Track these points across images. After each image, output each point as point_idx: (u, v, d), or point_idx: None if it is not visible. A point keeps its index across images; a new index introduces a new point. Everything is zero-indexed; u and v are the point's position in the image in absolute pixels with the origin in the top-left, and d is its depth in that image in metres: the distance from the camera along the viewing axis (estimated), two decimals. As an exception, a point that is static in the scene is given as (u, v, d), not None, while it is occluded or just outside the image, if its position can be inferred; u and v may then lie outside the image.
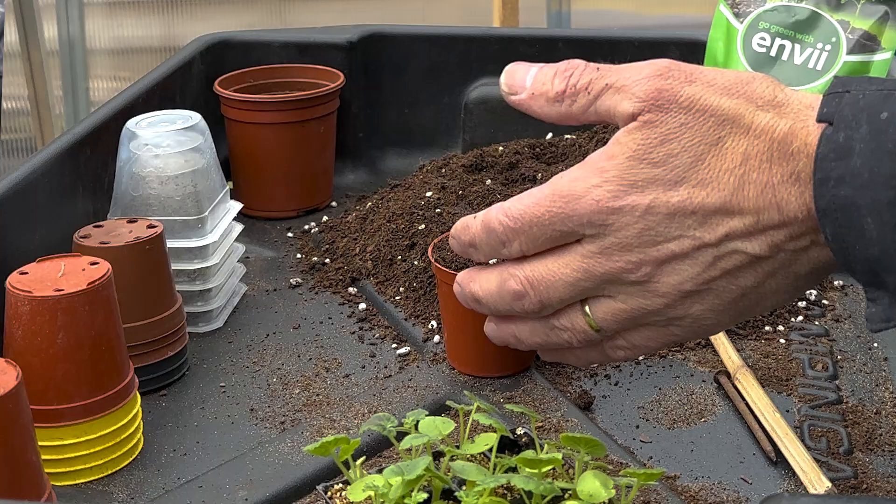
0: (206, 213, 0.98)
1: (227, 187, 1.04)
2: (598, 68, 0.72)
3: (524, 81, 0.74)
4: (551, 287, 0.71)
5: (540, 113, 0.74)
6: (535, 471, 0.66)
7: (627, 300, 0.70)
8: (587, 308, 0.72)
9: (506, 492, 0.69)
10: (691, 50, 1.22)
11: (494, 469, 0.68)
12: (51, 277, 0.78)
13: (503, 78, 0.75)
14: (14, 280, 0.78)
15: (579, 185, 0.69)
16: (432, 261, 0.89)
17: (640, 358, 0.92)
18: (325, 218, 1.20)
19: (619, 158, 0.68)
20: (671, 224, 0.67)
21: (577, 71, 0.72)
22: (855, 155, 0.61)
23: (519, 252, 0.72)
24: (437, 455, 0.70)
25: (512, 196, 0.73)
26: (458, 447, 0.69)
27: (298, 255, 1.13)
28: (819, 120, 0.64)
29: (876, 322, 0.63)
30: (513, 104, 0.75)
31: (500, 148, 1.16)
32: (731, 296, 0.69)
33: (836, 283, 1.05)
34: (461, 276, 0.78)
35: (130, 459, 0.82)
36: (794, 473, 0.78)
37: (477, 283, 0.76)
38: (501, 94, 0.75)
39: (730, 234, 0.66)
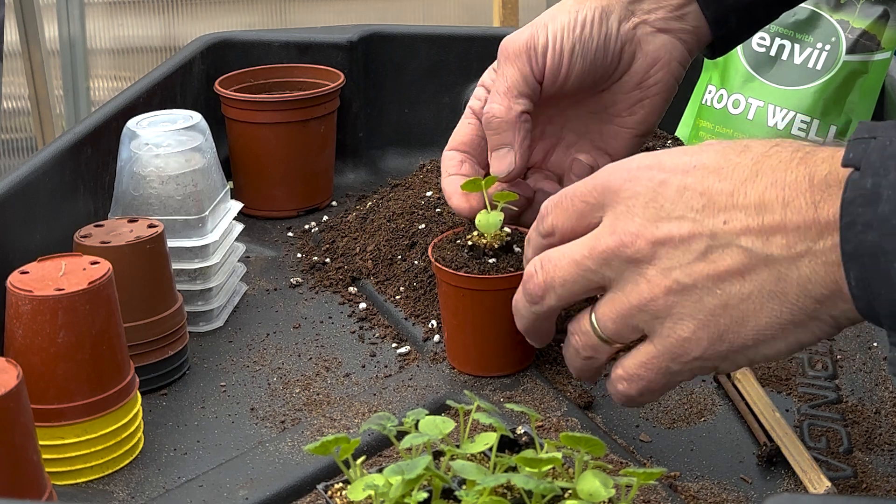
0: (207, 213, 0.98)
1: (228, 187, 1.05)
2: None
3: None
4: (558, 265, 0.73)
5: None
6: (535, 470, 0.66)
7: (622, 286, 0.70)
8: (592, 311, 0.73)
9: (506, 491, 0.69)
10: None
11: (494, 468, 0.68)
12: (52, 277, 0.78)
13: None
14: (15, 279, 0.78)
15: (614, 164, 0.73)
16: (432, 260, 0.89)
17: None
18: (325, 217, 1.20)
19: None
20: (678, 201, 0.68)
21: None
22: (883, 201, 0.61)
23: (551, 227, 0.75)
24: (437, 454, 0.70)
25: None
26: (458, 446, 0.69)
27: (298, 255, 1.13)
28: (845, 164, 0.64)
29: None
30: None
31: (501, 148, 1.16)
32: (714, 302, 0.67)
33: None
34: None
35: (131, 458, 0.82)
36: (794, 473, 0.78)
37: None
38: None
39: (728, 221, 0.67)
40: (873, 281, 0.62)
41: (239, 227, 1.05)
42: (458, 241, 0.90)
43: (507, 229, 0.89)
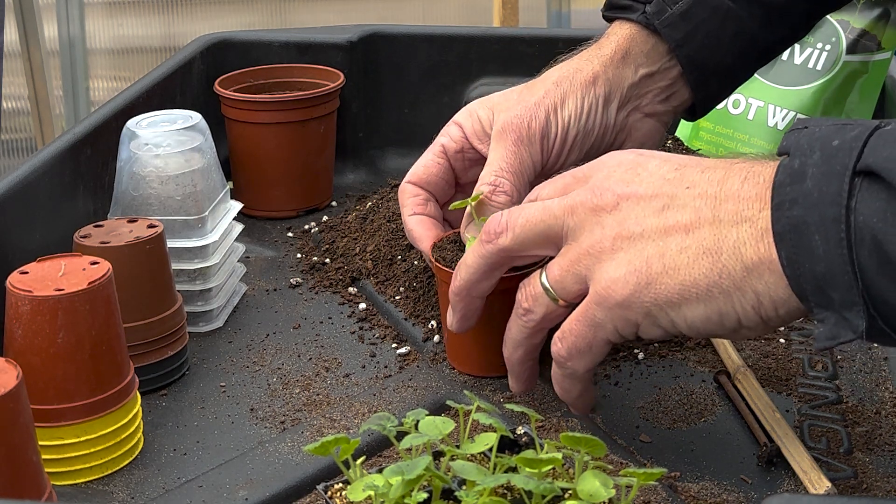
0: (207, 213, 0.98)
1: (228, 187, 1.04)
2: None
3: None
4: (523, 210, 0.77)
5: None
6: (535, 471, 0.66)
7: (577, 236, 0.74)
8: (544, 268, 0.77)
9: (506, 491, 0.69)
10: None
11: (494, 469, 0.68)
12: (51, 277, 0.78)
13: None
14: (15, 279, 0.78)
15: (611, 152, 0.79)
16: (432, 260, 0.89)
17: (640, 357, 0.93)
18: (325, 218, 1.20)
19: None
20: (656, 172, 0.73)
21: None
22: (808, 178, 0.65)
23: (535, 195, 0.79)
24: (437, 455, 0.70)
25: None
26: (458, 447, 0.69)
27: (298, 255, 1.13)
28: (779, 153, 0.68)
29: (822, 341, 0.65)
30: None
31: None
32: (653, 251, 0.71)
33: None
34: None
35: (131, 459, 0.82)
36: (794, 473, 0.78)
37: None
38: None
39: (691, 187, 0.71)
40: (799, 256, 0.65)
41: (239, 227, 1.05)
42: (459, 242, 0.90)
43: None
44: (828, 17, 1.23)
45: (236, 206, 1.05)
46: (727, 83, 0.97)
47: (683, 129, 1.28)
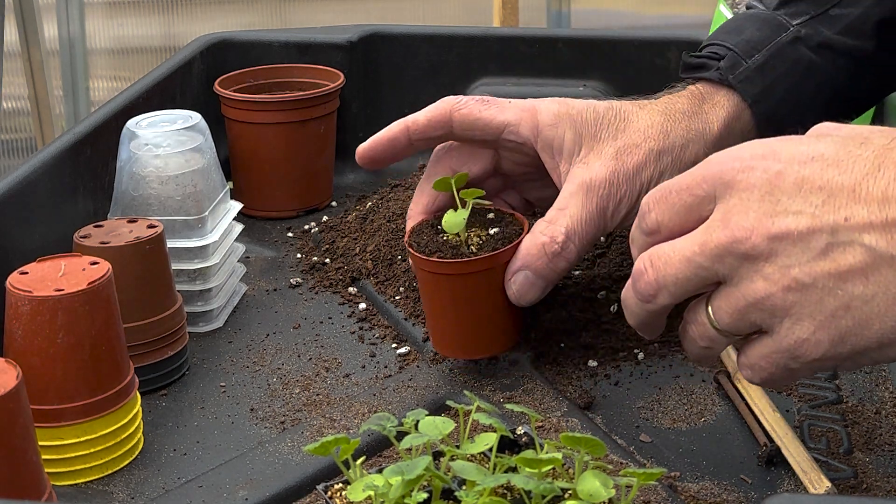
0: (207, 213, 0.98)
1: (228, 187, 1.04)
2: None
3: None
4: (669, 263, 0.69)
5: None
6: (535, 471, 0.66)
7: (737, 282, 0.67)
8: (708, 302, 0.70)
9: (506, 492, 0.69)
10: (691, 50, 1.22)
11: (494, 469, 0.68)
12: (51, 277, 0.78)
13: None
14: (14, 280, 0.78)
15: (723, 153, 0.69)
16: (409, 249, 0.88)
17: (640, 357, 0.93)
18: (325, 218, 1.20)
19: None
20: (796, 195, 0.65)
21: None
22: None
23: (656, 223, 0.71)
24: (437, 455, 0.70)
25: None
26: (458, 447, 0.69)
27: (298, 255, 1.13)
28: None
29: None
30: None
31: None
32: (836, 303, 0.64)
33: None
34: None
35: (131, 459, 0.82)
36: (794, 473, 0.78)
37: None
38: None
39: (849, 218, 0.63)
40: None
41: (239, 227, 1.05)
42: (436, 226, 0.89)
43: (486, 232, 0.88)
44: None
45: (236, 206, 1.05)
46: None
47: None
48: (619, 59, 1.27)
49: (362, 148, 0.94)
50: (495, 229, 0.88)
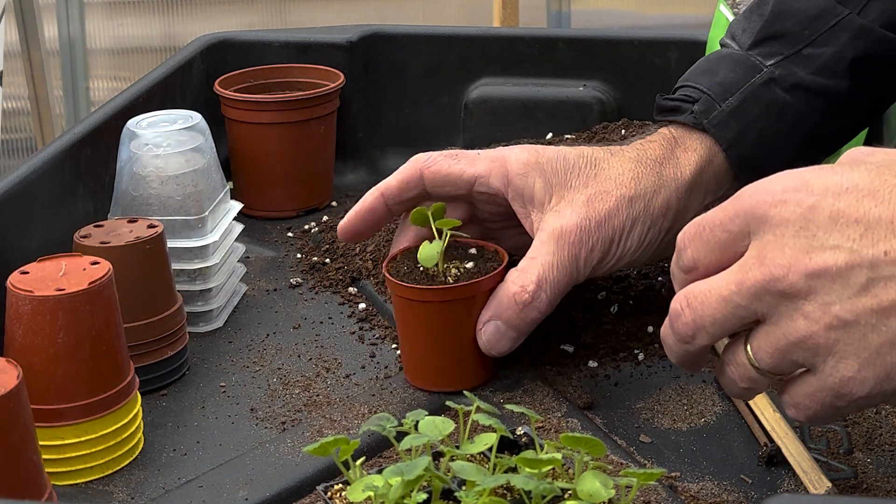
0: (207, 213, 0.98)
1: (228, 187, 1.05)
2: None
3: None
4: (705, 303, 0.68)
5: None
6: (535, 471, 0.66)
7: (777, 321, 0.66)
8: (747, 342, 0.69)
9: (506, 492, 0.69)
10: (691, 50, 1.22)
11: (494, 469, 0.68)
12: (52, 277, 0.78)
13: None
14: (15, 279, 0.78)
15: (754, 185, 0.68)
16: (386, 274, 0.87)
17: (640, 357, 0.92)
18: (325, 218, 1.20)
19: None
20: (832, 230, 0.63)
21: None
22: None
23: (692, 261, 0.70)
24: (437, 455, 0.70)
25: None
26: (457, 447, 0.69)
27: (298, 255, 1.13)
28: None
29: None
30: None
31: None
32: (880, 340, 0.63)
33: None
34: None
35: (131, 459, 0.82)
36: (794, 473, 0.78)
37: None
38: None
39: (889, 252, 0.62)
40: None
41: (239, 227, 1.05)
42: (414, 257, 0.88)
43: (465, 266, 0.87)
44: None
45: (236, 206, 1.05)
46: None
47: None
48: (619, 59, 1.27)
49: (343, 224, 0.94)
50: (474, 263, 0.87)
